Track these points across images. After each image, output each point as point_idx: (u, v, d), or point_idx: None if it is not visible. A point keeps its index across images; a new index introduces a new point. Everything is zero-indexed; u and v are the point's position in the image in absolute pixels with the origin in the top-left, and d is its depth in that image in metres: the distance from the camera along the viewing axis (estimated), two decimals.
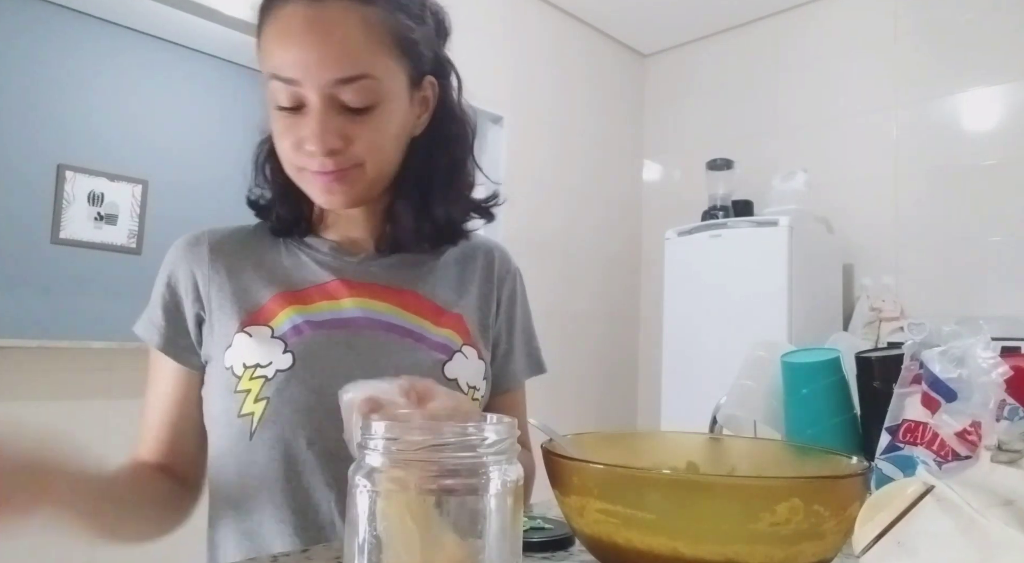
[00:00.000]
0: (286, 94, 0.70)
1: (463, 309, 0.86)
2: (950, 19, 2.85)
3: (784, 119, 3.33)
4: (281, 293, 0.78)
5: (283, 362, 0.73)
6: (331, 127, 0.70)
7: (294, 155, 0.73)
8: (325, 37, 0.68)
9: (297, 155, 0.73)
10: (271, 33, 0.70)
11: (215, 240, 0.82)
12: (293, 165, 0.74)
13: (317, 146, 0.70)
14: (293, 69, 0.68)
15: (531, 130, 3.30)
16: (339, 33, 0.69)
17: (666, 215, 3.60)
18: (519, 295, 0.94)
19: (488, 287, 0.90)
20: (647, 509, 0.47)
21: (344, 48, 0.69)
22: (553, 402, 3.27)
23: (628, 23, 3.62)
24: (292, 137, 0.72)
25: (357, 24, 0.69)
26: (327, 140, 0.70)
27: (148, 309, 0.80)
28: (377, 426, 0.40)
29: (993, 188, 2.70)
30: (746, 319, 2.68)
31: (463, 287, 0.88)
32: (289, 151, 0.73)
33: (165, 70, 3.85)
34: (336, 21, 0.69)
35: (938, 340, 0.74)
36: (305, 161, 0.73)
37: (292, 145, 0.72)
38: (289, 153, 0.73)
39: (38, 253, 3.44)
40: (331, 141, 0.70)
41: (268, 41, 0.70)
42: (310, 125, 0.70)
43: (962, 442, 0.66)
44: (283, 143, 0.73)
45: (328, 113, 0.70)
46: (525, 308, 0.95)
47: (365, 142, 0.72)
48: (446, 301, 0.85)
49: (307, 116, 0.70)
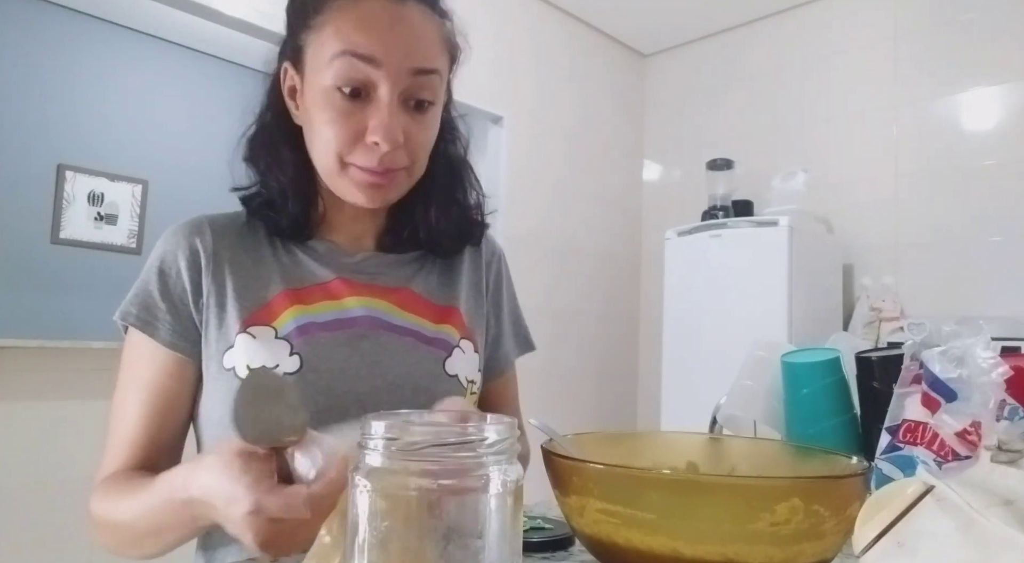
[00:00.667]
0: (355, 73, 0.69)
1: (456, 302, 0.87)
2: (950, 19, 2.85)
3: (784, 119, 3.33)
4: (284, 292, 0.77)
5: (290, 365, 0.72)
6: (398, 121, 0.70)
7: (346, 146, 0.71)
8: (410, 29, 0.71)
9: (350, 146, 0.71)
10: (347, 17, 0.69)
11: (217, 230, 0.79)
12: (338, 157, 0.72)
13: (384, 136, 0.69)
14: (373, 49, 0.69)
15: (531, 130, 3.30)
16: (419, 29, 0.72)
17: (666, 215, 3.60)
18: (504, 278, 0.95)
19: (477, 275, 0.91)
20: (647, 509, 0.47)
21: (424, 41, 0.72)
22: (553, 402, 3.27)
23: (628, 23, 3.62)
24: (348, 126, 0.70)
25: (432, 28, 0.74)
26: (394, 132, 0.70)
27: (136, 295, 0.75)
28: (377, 426, 0.40)
29: (993, 188, 2.70)
30: (746, 319, 2.68)
31: (453, 279, 0.88)
32: (341, 141, 0.71)
33: (165, 70, 3.85)
34: (416, 19, 0.72)
35: (938, 340, 0.74)
36: (357, 155, 0.71)
37: (349, 135, 0.70)
38: (340, 143, 0.71)
39: (38, 253, 3.43)
40: (397, 134, 0.70)
41: (341, 22, 0.69)
42: (378, 116, 0.70)
43: (962, 442, 0.66)
44: (332, 131, 0.70)
45: (398, 106, 0.71)
46: (511, 289, 0.96)
47: (417, 141, 0.74)
48: (440, 296, 0.86)
49: (373, 107, 0.70)
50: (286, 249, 0.81)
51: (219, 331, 0.74)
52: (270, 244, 0.81)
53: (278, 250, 0.81)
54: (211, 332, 0.74)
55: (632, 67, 3.91)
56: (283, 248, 0.81)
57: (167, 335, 0.74)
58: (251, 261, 0.78)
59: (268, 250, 0.80)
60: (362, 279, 0.81)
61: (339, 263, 0.82)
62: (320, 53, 0.71)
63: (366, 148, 0.71)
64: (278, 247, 0.81)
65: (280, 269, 0.79)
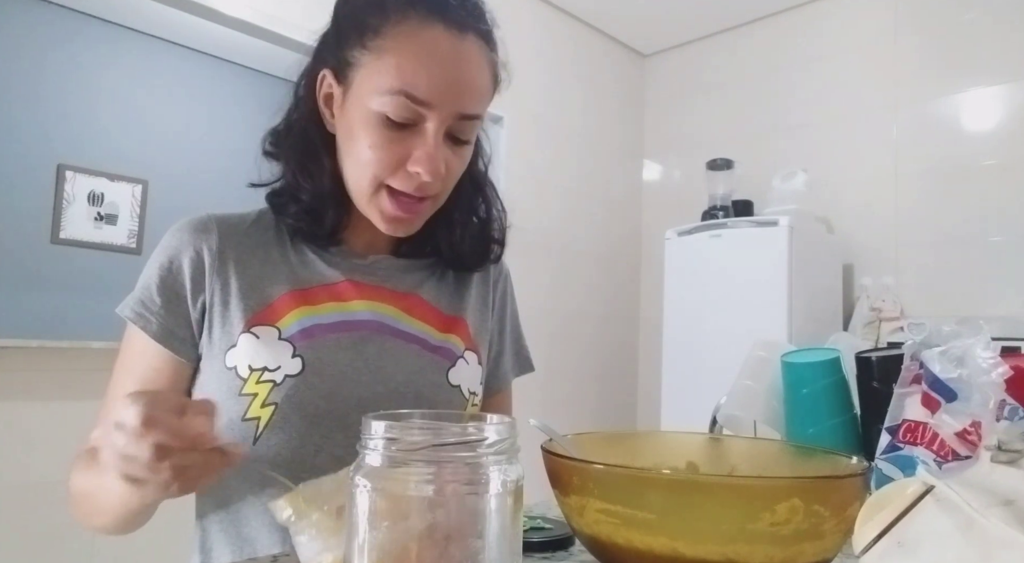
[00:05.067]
0: (406, 112, 0.69)
1: (464, 313, 0.86)
2: (950, 19, 2.85)
3: (784, 119, 3.33)
4: (290, 292, 0.76)
5: (292, 367, 0.72)
6: (441, 154, 0.71)
7: (386, 171, 0.71)
8: (467, 70, 0.71)
9: (390, 172, 0.71)
10: (409, 49, 0.68)
11: (224, 229, 0.78)
12: (377, 180, 0.72)
13: (427, 169, 0.70)
14: (429, 94, 0.68)
15: (531, 130, 3.29)
16: (475, 71, 0.72)
17: (666, 215, 3.60)
18: (509, 296, 0.96)
19: (485, 289, 0.91)
20: (647, 509, 0.47)
21: (477, 86, 0.72)
22: (553, 402, 3.27)
23: (628, 23, 3.62)
24: (391, 153, 0.70)
25: (486, 66, 0.74)
26: (438, 165, 0.71)
27: (140, 292, 0.75)
28: (377, 426, 0.40)
29: (993, 188, 2.70)
30: (746, 319, 2.68)
31: (463, 290, 0.88)
32: (382, 166, 0.71)
33: (165, 70, 3.85)
34: (473, 59, 0.72)
35: (938, 340, 0.74)
36: (396, 180, 0.72)
37: (391, 161, 0.71)
38: (380, 168, 0.71)
39: (38, 253, 3.43)
40: (440, 167, 0.71)
41: (402, 56, 0.68)
42: (424, 148, 0.70)
43: (962, 442, 0.66)
44: (374, 155, 0.71)
45: (443, 139, 0.71)
46: (514, 309, 0.97)
47: (452, 173, 0.75)
48: (448, 305, 0.85)
49: (419, 137, 0.70)
50: (297, 249, 0.80)
51: (222, 329, 0.74)
52: (280, 244, 0.80)
53: (288, 250, 0.80)
54: (214, 331, 0.74)
55: (632, 67, 3.91)
56: (293, 248, 0.80)
57: (159, 331, 0.73)
58: (257, 261, 0.78)
59: (277, 249, 0.79)
60: (371, 281, 0.81)
61: (349, 264, 0.81)
62: (374, 79, 0.70)
63: (406, 175, 0.71)
64: (288, 247, 0.80)
65: (288, 269, 0.78)
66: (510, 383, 0.95)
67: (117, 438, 0.51)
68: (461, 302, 0.87)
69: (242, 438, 0.70)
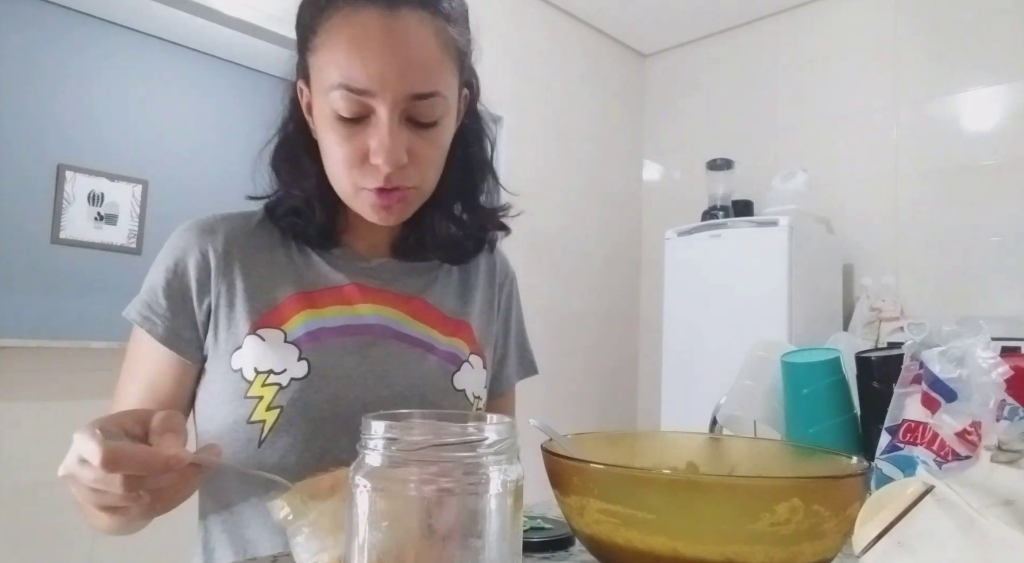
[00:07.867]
0: (352, 105, 0.66)
1: (469, 316, 0.86)
2: (950, 19, 2.85)
3: (784, 119, 3.33)
4: (295, 294, 0.76)
5: (298, 370, 0.71)
6: (400, 140, 0.68)
7: (350, 171, 0.70)
8: (403, 49, 0.66)
9: (353, 171, 0.70)
10: (340, 41, 0.66)
11: (229, 230, 0.77)
12: (348, 182, 0.71)
13: (385, 159, 0.67)
14: (368, 81, 0.65)
15: (531, 130, 3.29)
16: (416, 46, 0.67)
17: (666, 215, 3.60)
18: (515, 299, 0.95)
19: (491, 292, 0.91)
20: (647, 509, 0.47)
21: (421, 63, 0.67)
22: (553, 402, 3.27)
23: (628, 23, 3.62)
24: (352, 149, 0.68)
25: (431, 37, 0.68)
26: (397, 154, 0.67)
27: (146, 294, 0.74)
28: (377, 426, 0.40)
29: (993, 188, 2.70)
30: (746, 319, 2.68)
31: (468, 293, 0.88)
32: (345, 165, 0.70)
33: (165, 70, 3.85)
34: (412, 33, 0.67)
35: (938, 340, 0.74)
36: (364, 178, 0.70)
37: (352, 158, 0.69)
38: (345, 168, 0.70)
39: (38, 253, 3.43)
40: (400, 155, 0.68)
41: (335, 49, 0.66)
42: (378, 137, 0.67)
43: (962, 442, 0.66)
44: (339, 154, 0.69)
45: (397, 126, 0.68)
46: (519, 312, 0.96)
47: (424, 158, 0.71)
48: (453, 309, 0.85)
49: (373, 127, 0.68)
50: (301, 251, 0.80)
51: (228, 331, 0.74)
52: (284, 246, 0.80)
53: (292, 252, 0.80)
54: (220, 332, 0.74)
55: (632, 67, 3.91)
56: (298, 250, 0.80)
57: (164, 333, 0.73)
58: (263, 262, 0.77)
59: (282, 252, 0.79)
60: (376, 285, 0.81)
61: (355, 268, 0.81)
62: (319, 79, 0.69)
63: (372, 168, 0.69)
64: (292, 249, 0.80)
65: (294, 271, 0.78)
66: (514, 386, 0.94)
67: (85, 473, 0.49)
68: (466, 305, 0.86)
69: (247, 440, 0.70)
